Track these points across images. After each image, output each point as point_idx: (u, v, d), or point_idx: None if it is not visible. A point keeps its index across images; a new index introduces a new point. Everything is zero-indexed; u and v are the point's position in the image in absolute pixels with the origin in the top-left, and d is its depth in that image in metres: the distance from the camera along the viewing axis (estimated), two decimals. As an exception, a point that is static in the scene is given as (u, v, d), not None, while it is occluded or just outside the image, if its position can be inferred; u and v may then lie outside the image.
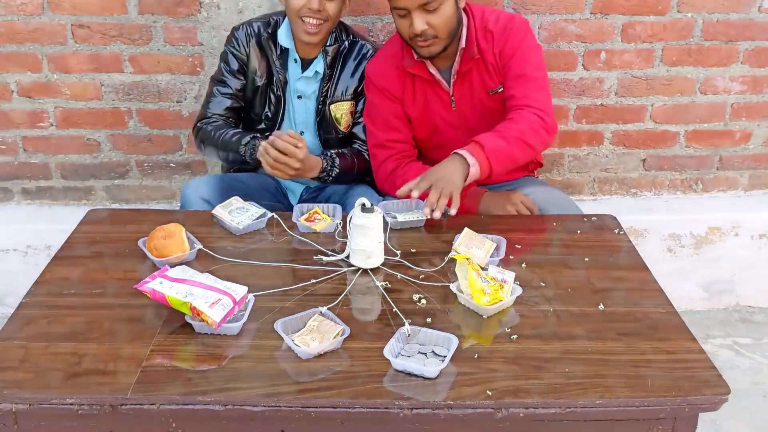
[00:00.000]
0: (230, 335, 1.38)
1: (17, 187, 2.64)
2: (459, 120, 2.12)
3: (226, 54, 2.15)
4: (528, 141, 1.90)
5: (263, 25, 2.13)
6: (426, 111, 2.12)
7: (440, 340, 1.34)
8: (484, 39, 2.03)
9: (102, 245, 1.74)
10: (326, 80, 2.13)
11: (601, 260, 1.69)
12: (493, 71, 2.05)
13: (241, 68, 2.15)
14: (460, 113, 2.11)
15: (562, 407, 1.23)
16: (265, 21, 2.15)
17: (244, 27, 2.14)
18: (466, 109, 2.11)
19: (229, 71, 2.15)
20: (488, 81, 2.07)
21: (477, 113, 2.11)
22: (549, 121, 1.96)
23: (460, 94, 2.08)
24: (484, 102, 2.09)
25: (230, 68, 2.15)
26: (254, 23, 2.14)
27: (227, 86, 2.15)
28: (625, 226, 1.88)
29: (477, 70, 2.05)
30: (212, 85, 2.17)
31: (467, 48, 2.01)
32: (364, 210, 1.59)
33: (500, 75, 2.05)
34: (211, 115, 2.15)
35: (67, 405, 1.23)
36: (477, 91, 2.08)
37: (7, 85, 2.46)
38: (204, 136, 2.13)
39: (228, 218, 1.79)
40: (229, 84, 2.15)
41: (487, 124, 2.02)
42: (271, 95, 2.16)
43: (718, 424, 2.14)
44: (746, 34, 2.50)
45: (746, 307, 2.77)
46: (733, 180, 2.76)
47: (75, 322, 1.42)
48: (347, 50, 2.14)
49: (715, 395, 1.25)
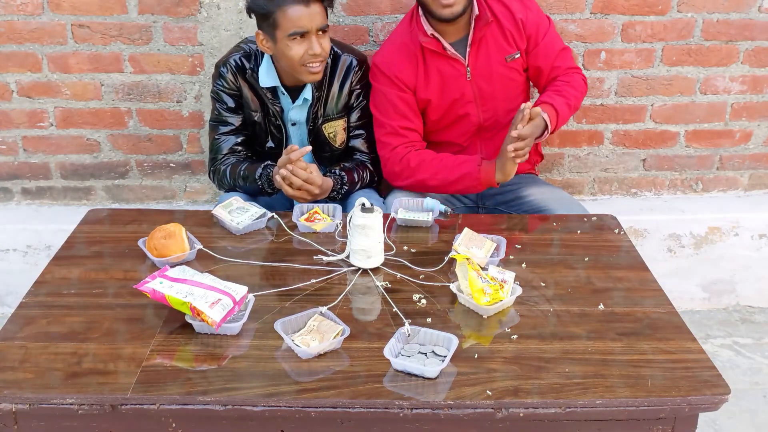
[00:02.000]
0: (230, 335, 1.38)
1: (17, 187, 2.64)
2: (474, 91, 2.13)
3: (219, 94, 2.13)
4: (578, 105, 2.14)
5: (245, 58, 2.10)
6: (442, 87, 2.12)
7: (440, 340, 1.34)
8: (497, 3, 2.08)
9: (102, 245, 1.74)
10: (315, 102, 2.13)
11: (601, 260, 1.69)
12: (510, 37, 2.09)
13: (237, 104, 2.14)
14: (476, 84, 2.12)
15: (562, 407, 1.23)
16: (245, 54, 2.11)
17: (228, 63, 2.11)
18: (482, 79, 2.12)
19: (226, 109, 2.14)
20: (505, 47, 2.10)
21: (493, 82, 2.13)
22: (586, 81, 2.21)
23: (475, 64, 2.10)
24: (500, 70, 2.11)
25: (227, 106, 2.13)
26: (236, 58, 2.10)
27: (229, 124, 2.15)
28: (625, 226, 1.88)
29: (492, 35, 2.08)
30: (214, 129, 2.16)
31: (480, 14, 2.04)
32: (364, 210, 1.59)
33: (518, 42, 2.09)
34: (222, 156, 2.15)
35: (67, 405, 1.23)
36: (493, 58, 2.10)
37: (7, 85, 2.46)
38: (221, 178, 2.15)
39: (228, 218, 1.79)
40: (231, 122, 2.15)
41: (503, 95, 2.11)
42: (270, 127, 2.17)
43: (718, 424, 2.14)
44: (746, 34, 2.50)
45: (746, 307, 2.77)
46: (733, 180, 2.76)
47: (75, 322, 1.43)
48: (331, 67, 2.12)
49: (715, 395, 1.25)
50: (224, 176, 2.14)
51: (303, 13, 1.91)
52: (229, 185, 2.15)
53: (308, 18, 1.91)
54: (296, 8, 1.90)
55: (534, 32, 2.11)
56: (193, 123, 2.55)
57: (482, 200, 2.32)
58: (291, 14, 1.91)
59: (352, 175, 2.13)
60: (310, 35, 1.94)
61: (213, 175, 2.18)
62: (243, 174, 2.10)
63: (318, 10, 1.93)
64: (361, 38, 2.45)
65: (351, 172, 2.14)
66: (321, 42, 1.96)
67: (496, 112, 2.17)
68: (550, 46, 2.13)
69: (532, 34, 2.11)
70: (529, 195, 2.21)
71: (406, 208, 1.89)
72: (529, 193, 2.21)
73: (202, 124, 2.55)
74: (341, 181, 2.09)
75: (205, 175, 2.64)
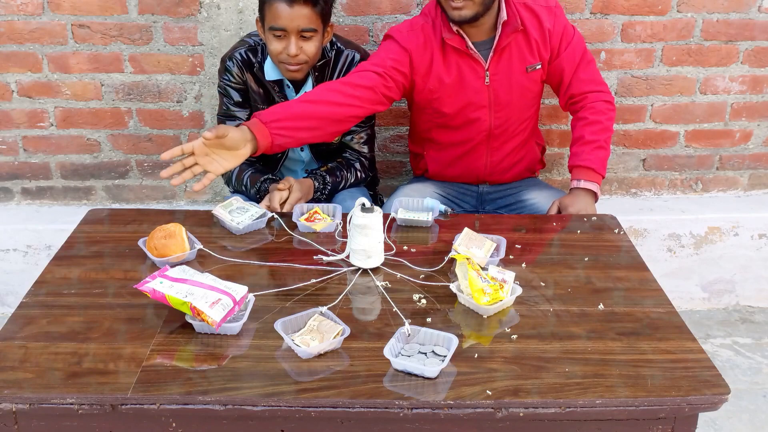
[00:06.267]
0: (230, 335, 1.38)
1: (17, 187, 2.64)
2: (490, 97, 2.10)
3: (226, 88, 2.14)
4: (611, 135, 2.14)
5: (251, 53, 2.11)
6: (460, 83, 2.08)
7: (440, 340, 1.34)
8: (526, 11, 2.05)
9: (102, 245, 1.73)
10: None
11: (601, 260, 1.69)
12: (534, 47, 2.06)
13: (244, 98, 2.15)
14: (493, 90, 2.09)
15: (562, 407, 1.23)
16: (250, 48, 2.12)
17: (234, 57, 2.11)
18: (500, 86, 2.09)
19: (233, 104, 2.15)
20: (528, 56, 2.07)
21: (511, 91, 2.10)
22: (612, 101, 2.16)
23: (495, 70, 2.07)
24: (519, 79, 2.09)
25: (234, 101, 2.14)
26: (241, 52, 2.11)
27: (237, 119, 2.15)
28: (625, 226, 1.88)
29: (516, 44, 2.05)
30: (221, 124, 2.16)
31: (509, 20, 2.01)
32: (364, 210, 1.59)
33: (542, 52, 2.08)
34: None
35: (67, 405, 1.23)
36: (515, 67, 2.07)
37: (7, 85, 2.46)
38: (228, 179, 2.20)
39: (228, 218, 1.79)
40: (239, 116, 2.15)
41: (518, 104, 2.11)
42: None
43: (718, 424, 2.14)
44: (746, 34, 2.50)
45: (746, 307, 2.77)
46: (733, 180, 2.76)
47: (75, 322, 1.42)
48: (333, 62, 2.13)
49: (715, 395, 1.25)
50: (230, 179, 2.18)
51: (284, 12, 1.91)
52: (235, 188, 2.19)
53: (288, 18, 1.91)
54: (279, 5, 1.91)
55: (558, 42, 2.08)
56: (193, 123, 2.55)
57: (483, 204, 2.31)
58: (273, 9, 1.92)
59: (335, 175, 2.15)
60: (290, 35, 1.94)
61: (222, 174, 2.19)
62: (246, 182, 2.13)
63: (304, 12, 1.91)
64: (361, 38, 2.45)
65: (334, 173, 2.15)
66: (302, 45, 1.95)
67: (508, 120, 2.15)
68: (573, 56, 2.10)
69: (556, 44, 2.08)
70: (530, 199, 2.21)
71: (406, 208, 1.89)
72: (531, 196, 2.22)
73: (202, 124, 2.55)
74: (322, 181, 2.11)
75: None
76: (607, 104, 2.12)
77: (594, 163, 2.04)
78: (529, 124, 2.22)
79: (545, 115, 2.57)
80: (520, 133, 2.19)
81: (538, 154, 2.31)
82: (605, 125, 2.09)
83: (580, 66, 2.12)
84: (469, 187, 2.30)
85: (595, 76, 2.15)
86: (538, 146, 2.31)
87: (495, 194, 2.29)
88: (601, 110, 2.10)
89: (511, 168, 2.25)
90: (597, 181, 2.04)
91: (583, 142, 2.07)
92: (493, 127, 2.14)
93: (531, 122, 2.22)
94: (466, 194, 2.30)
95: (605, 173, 2.08)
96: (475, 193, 2.30)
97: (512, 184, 2.28)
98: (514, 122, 2.16)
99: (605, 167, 2.08)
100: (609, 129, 2.11)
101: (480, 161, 2.21)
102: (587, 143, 2.06)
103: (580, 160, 2.06)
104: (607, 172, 2.68)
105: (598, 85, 2.14)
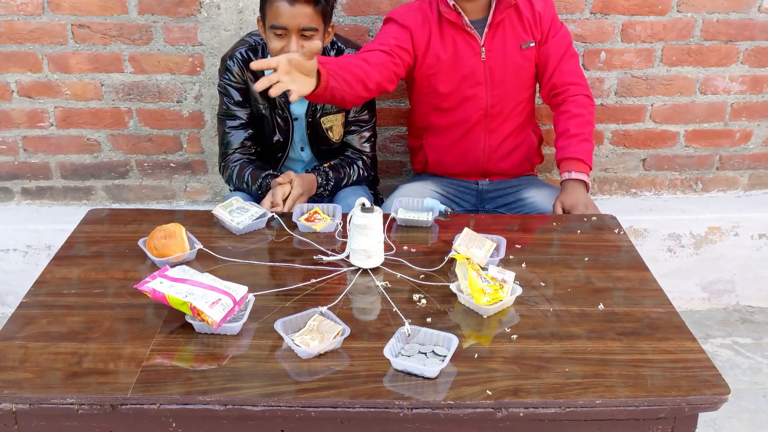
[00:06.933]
0: (230, 335, 1.38)
1: (17, 187, 2.64)
2: (486, 73, 2.14)
3: (226, 88, 2.14)
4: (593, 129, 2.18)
5: (252, 52, 2.12)
6: (456, 58, 2.13)
7: (440, 340, 1.34)
8: None
9: (102, 245, 1.73)
10: None
11: (601, 260, 1.69)
12: (527, 25, 2.12)
13: (244, 97, 2.15)
14: (489, 66, 2.14)
15: (562, 407, 1.23)
16: (251, 47, 2.12)
17: (235, 57, 2.12)
18: (496, 62, 2.14)
19: (234, 103, 2.15)
20: (521, 33, 2.13)
21: (506, 67, 2.15)
22: (592, 97, 2.22)
23: (491, 45, 2.12)
24: (514, 56, 2.14)
25: (234, 100, 2.15)
26: (242, 51, 2.12)
27: (238, 118, 2.16)
28: (625, 226, 1.88)
29: (510, 20, 2.11)
30: (222, 123, 2.18)
31: None
32: (364, 210, 1.59)
33: (533, 31, 2.13)
34: (232, 152, 2.17)
35: (67, 405, 1.23)
36: (509, 44, 2.13)
37: (7, 85, 2.46)
38: (229, 177, 2.19)
39: (228, 218, 1.79)
40: (239, 115, 2.16)
41: (514, 82, 2.16)
42: (277, 119, 2.17)
43: (718, 424, 2.14)
44: (746, 34, 2.50)
45: (746, 306, 2.77)
46: (733, 180, 2.76)
47: (75, 322, 1.42)
48: None
49: (715, 395, 1.25)
50: (231, 178, 2.18)
51: (285, 10, 1.91)
52: (236, 186, 2.18)
53: (289, 16, 1.91)
54: (281, 3, 1.91)
55: (547, 27, 2.15)
56: (193, 123, 2.55)
57: (482, 203, 2.32)
58: (275, 7, 1.92)
59: (338, 172, 2.16)
60: (290, 34, 1.94)
61: (223, 170, 2.21)
62: (247, 180, 2.13)
63: (305, 11, 1.92)
64: (361, 38, 2.45)
65: (337, 169, 2.16)
66: (303, 44, 1.95)
67: (504, 98, 2.18)
68: (559, 45, 2.16)
69: (546, 29, 2.15)
70: (530, 197, 2.21)
71: (406, 208, 1.89)
72: (530, 195, 2.22)
73: (202, 124, 2.55)
74: (326, 177, 2.12)
75: (205, 175, 2.65)
76: (587, 99, 2.19)
77: (582, 154, 2.10)
78: (526, 108, 2.26)
79: (545, 115, 2.57)
80: (516, 115, 2.23)
81: (535, 142, 2.33)
82: (587, 119, 2.15)
83: (564, 58, 2.17)
84: (469, 185, 2.30)
85: (578, 71, 2.21)
86: (535, 134, 2.34)
87: (495, 192, 2.29)
88: (582, 104, 2.16)
89: (510, 154, 2.26)
90: (586, 171, 2.10)
91: (569, 135, 2.12)
92: (489, 106, 2.18)
93: (527, 107, 2.26)
94: (466, 192, 2.31)
95: (592, 165, 2.13)
96: (474, 191, 2.30)
97: (512, 181, 2.29)
98: (510, 102, 2.19)
99: (591, 159, 2.13)
100: (591, 123, 2.17)
101: (478, 145, 2.22)
102: (573, 136, 2.12)
103: (569, 153, 2.11)
104: (606, 172, 2.70)
105: (580, 78, 2.20)
